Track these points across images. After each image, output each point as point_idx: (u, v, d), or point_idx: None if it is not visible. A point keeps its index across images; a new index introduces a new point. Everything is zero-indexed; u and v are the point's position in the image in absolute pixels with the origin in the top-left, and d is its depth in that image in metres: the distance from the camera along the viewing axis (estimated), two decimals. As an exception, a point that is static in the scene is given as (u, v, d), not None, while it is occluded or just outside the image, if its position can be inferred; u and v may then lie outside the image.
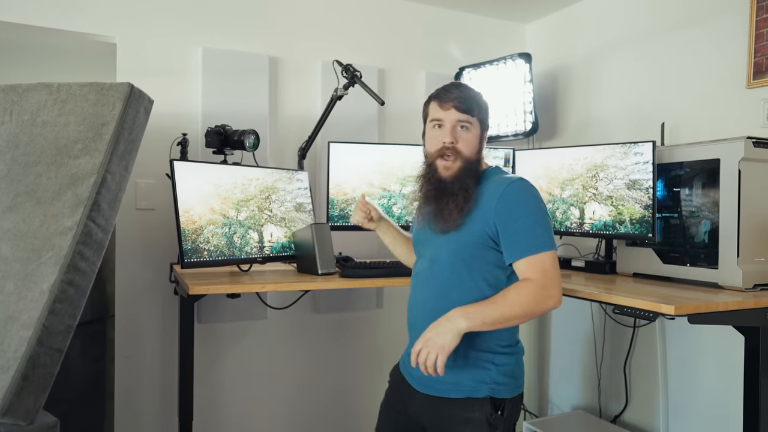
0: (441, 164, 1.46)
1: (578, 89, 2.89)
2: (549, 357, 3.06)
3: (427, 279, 1.50)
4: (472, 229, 1.44)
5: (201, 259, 1.96)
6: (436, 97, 1.49)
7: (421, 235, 1.56)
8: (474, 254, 1.44)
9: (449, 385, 1.44)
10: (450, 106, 1.45)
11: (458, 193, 1.43)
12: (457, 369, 1.43)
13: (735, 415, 2.05)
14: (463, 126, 1.45)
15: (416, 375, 1.48)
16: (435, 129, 1.48)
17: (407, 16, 2.91)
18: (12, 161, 1.63)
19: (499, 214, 1.40)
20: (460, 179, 1.44)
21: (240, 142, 2.20)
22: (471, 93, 1.48)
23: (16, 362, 1.40)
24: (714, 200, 1.91)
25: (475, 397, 1.42)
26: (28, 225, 1.55)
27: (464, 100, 1.45)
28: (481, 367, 1.44)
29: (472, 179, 1.45)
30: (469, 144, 1.46)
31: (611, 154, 2.23)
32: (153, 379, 2.40)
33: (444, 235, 1.46)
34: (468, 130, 1.46)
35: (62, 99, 1.67)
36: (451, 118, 1.45)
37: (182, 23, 2.44)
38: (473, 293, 1.43)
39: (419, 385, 1.49)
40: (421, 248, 1.56)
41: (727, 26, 2.20)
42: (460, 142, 1.45)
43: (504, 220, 1.40)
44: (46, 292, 1.47)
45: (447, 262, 1.46)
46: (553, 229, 2.44)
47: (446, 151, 1.44)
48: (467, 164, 1.45)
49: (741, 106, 2.14)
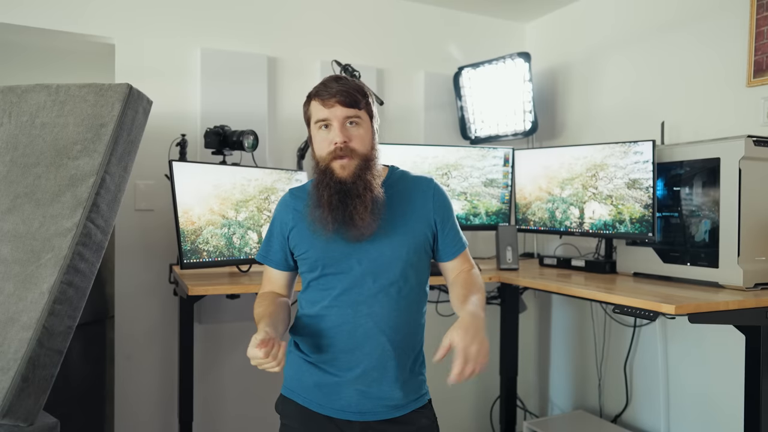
0: (336, 165, 1.30)
1: (578, 88, 2.88)
2: (549, 357, 3.06)
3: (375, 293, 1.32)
4: (417, 231, 1.36)
5: (200, 260, 1.96)
6: (316, 95, 1.34)
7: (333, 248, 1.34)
8: (420, 257, 1.37)
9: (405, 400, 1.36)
10: (333, 102, 1.30)
11: (363, 194, 1.29)
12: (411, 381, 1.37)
13: (736, 415, 2.04)
14: (352, 122, 1.31)
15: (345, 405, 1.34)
16: (322, 130, 1.33)
17: (406, 15, 2.91)
18: (11, 163, 1.63)
19: (438, 213, 1.38)
20: (361, 177, 1.30)
21: (239, 143, 2.20)
22: (352, 84, 1.34)
23: (16, 363, 1.41)
24: (714, 199, 1.91)
25: (422, 404, 1.40)
26: (27, 226, 1.55)
27: (347, 93, 1.30)
28: (421, 374, 1.42)
29: (375, 177, 1.33)
30: (362, 140, 1.32)
31: (611, 154, 2.23)
32: (153, 380, 2.40)
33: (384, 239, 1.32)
34: (358, 125, 1.32)
35: (61, 100, 1.67)
36: (338, 115, 1.30)
37: (180, 24, 2.43)
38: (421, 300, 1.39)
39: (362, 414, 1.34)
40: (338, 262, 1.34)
41: (727, 24, 2.19)
42: (353, 140, 1.31)
43: (443, 218, 1.39)
44: (46, 293, 1.47)
45: (399, 269, 1.33)
46: (553, 228, 2.46)
47: (339, 152, 1.30)
48: (365, 161, 1.32)
49: (741, 105, 2.14)
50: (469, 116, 2.96)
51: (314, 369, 1.37)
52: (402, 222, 1.35)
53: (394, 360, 1.33)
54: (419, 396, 1.39)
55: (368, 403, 1.33)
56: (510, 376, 2.75)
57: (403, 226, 1.35)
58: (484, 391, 3.04)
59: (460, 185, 2.57)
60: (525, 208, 2.58)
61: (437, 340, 1.20)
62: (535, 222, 2.53)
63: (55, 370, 1.48)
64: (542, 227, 2.51)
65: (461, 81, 2.93)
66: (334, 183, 1.30)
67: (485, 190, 2.61)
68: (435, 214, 1.38)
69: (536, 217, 2.53)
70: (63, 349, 1.50)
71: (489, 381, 3.03)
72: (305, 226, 1.36)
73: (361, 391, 1.33)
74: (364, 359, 1.32)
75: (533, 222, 2.54)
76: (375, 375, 1.33)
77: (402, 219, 1.35)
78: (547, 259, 2.51)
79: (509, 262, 2.30)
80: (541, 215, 2.50)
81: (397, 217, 1.35)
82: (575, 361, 2.89)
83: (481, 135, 2.94)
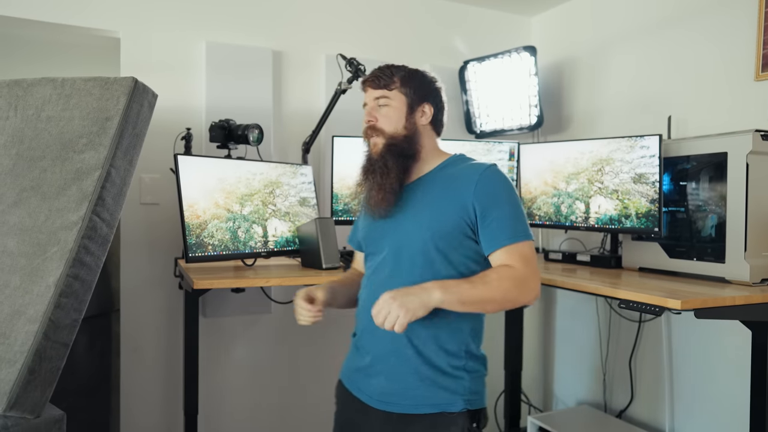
0: (371, 142, 1.39)
1: (584, 82, 2.87)
2: (554, 352, 3.07)
3: (392, 275, 1.31)
4: (448, 216, 1.29)
5: (205, 254, 1.97)
6: (362, 83, 1.44)
7: (371, 228, 1.40)
8: (451, 244, 1.29)
9: (418, 399, 1.28)
10: (366, 86, 1.41)
11: (380, 172, 1.33)
12: (426, 380, 1.28)
13: (742, 410, 2.04)
14: (381, 103, 1.38)
15: (372, 391, 1.33)
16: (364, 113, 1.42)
17: (411, 9, 2.90)
18: (17, 156, 1.64)
19: (479, 200, 1.28)
20: (383, 156, 1.34)
21: (244, 137, 2.20)
22: (389, 68, 1.40)
23: (22, 356, 1.42)
24: (721, 194, 1.90)
25: (449, 411, 1.28)
26: (33, 220, 1.56)
27: (378, 76, 1.39)
28: (453, 377, 1.29)
29: (400, 157, 1.35)
30: (389, 119, 1.36)
31: (617, 148, 2.22)
32: (158, 373, 2.42)
33: (410, 221, 1.32)
34: (387, 105, 1.37)
35: (67, 94, 1.67)
36: (370, 97, 1.40)
37: (185, 18, 2.44)
38: None
39: (377, 402, 1.32)
40: (374, 242, 1.39)
41: (735, 18, 2.18)
42: (379, 120, 1.37)
43: (485, 206, 1.28)
44: (52, 286, 1.47)
45: (420, 252, 1.29)
46: (558, 222, 2.45)
47: (368, 131, 1.38)
48: (391, 140, 1.35)
49: (749, 99, 2.13)
50: (475, 110, 2.95)
51: (355, 351, 1.43)
52: (434, 206, 1.31)
53: (411, 349, 1.29)
54: (451, 400, 1.29)
55: (392, 394, 1.30)
56: (514, 371, 2.75)
57: (433, 210, 1.31)
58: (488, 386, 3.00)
59: (465, 180, 2.58)
60: (530, 202, 2.58)
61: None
62: (540, 216, 2.53)
63: (61, 363, 1.49)
64: (548, 222, 2.50)
65: (467, 75, 2.93)
66: (366, 159, 1.39)
67: (490, 185, 2.61)
68: (475, 201, 1.28)
69: (542, 212, 2.52)
70: (69, 341, 1.51)
71: (493, 376, 3.03)
72: None
73: (387, 378, 1.31)
74: (378, 343, 1.32)
75: (538, 216, 2.53)
76: (393, 361, 1.30)
77: (435, 203, 1.32)
78: (552, 253, 2.51)
79: (514, 257, 2.30)
80: (547, 210, 2.50)
81: (430, 201, 1.33)
82: (580, 355, 2.89)
83: (486, 129, 2.94)
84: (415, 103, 1.39)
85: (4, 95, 1.70)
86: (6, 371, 1.41)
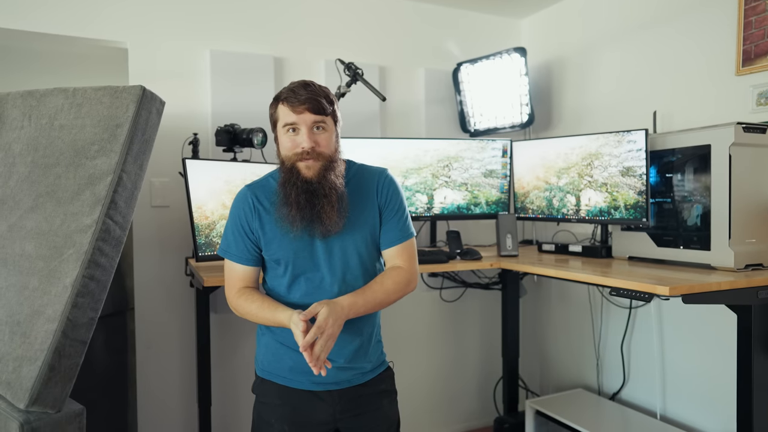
0: (302, 165, 1.37)
1: (572, 81, 2.92)
2: (549, 338, 3.12)
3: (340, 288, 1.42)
4: (368, 227, 1.45)
5: (214, 253, 2.03)
6: (286, 100, 1.38)
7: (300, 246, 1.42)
8: (371, 253, 1.47)
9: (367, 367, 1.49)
10: (303, 109, 1.36)
11: (329, 193, 1.37)
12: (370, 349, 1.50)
13: (729, 391, 2.09)
14: (318, 127, 1.38)
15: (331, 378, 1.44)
16: (289, 133, 1.39)
17: (406, 14, 2.95)
18: (32, 164, 1.66)
19: (382, 203, 1.46)
20: (326, 178, 1.38)
21: (248, 140, 2.24)
22: (320, 91, 1.40)
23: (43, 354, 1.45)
24: (705, 185, 1.94)
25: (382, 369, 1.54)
26: (49, 224, 1.58)
27: (316, 101, 1.37)
28: (379, 341, 1.55)
29: (338, 177, 1.40)
30: (328, 143, 1.40)
31: (605, 143, 2.27)
32: (172, 367, 2.46)
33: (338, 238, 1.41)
34: (324, 130, 1.39)
35: (78, 103, 1.69)
36: (306, 120, 1.37)
37: (190, 28, 2.48)
38: None
39: (339, 384, 1.45)
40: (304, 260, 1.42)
41: (716, 15, 2.22)
42: (320, 145, 1.38)
43: (386, 208, 1.46)
44: (69, 287, 1.50)
45: (358, 265, 1.44)
46: (551, 215, 2.51)
47: (305, 155, 1.37)
48: (329, 162, 1.39)
49: (731, 93, 2.17)
50: (468, 110, 3.00)
51: (291, 351, 1.44)
52: (361, 217, 1.44)
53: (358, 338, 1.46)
54: (381, 363, 1.54)
55: (343, 374, 1.45)
56: (512, 358, 2.80)
57: (362, 221, 1.44)
58: (487, 373, 3.11)
59: (461, 176, 2.64)
60: (523, 197, 2.63)
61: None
62: (533, 210, 2.58)
63: (79, 360, 1.52)
64: (540, 215, 2.56)
65: (460, 76, 2.97)
66: (300, 182, 1.37)
67: (485, 181, 2.67)
68: (379, 202, 1.47)
69: (534, 206, 2.58)
70: (87, 339, 1.54)
71: (492, 363, 3.10)
72: (272, 223, 1.42)
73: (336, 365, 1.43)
74: None
75: (531, 210, 2.59)
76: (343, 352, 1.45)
77: (361, 214, 1.45)
78: (545, 245, 2.55)
79: (509, 249, 2.36)
80: (539, 203, 2.56)
81: (356, 212, 1.43)
82: (574, 342, 2.94)
83: (480, 128, 2.98)
84: (338, 124, 1.46)
85: (18, 105, 1.74)
86: (27, 368, 1.45)
